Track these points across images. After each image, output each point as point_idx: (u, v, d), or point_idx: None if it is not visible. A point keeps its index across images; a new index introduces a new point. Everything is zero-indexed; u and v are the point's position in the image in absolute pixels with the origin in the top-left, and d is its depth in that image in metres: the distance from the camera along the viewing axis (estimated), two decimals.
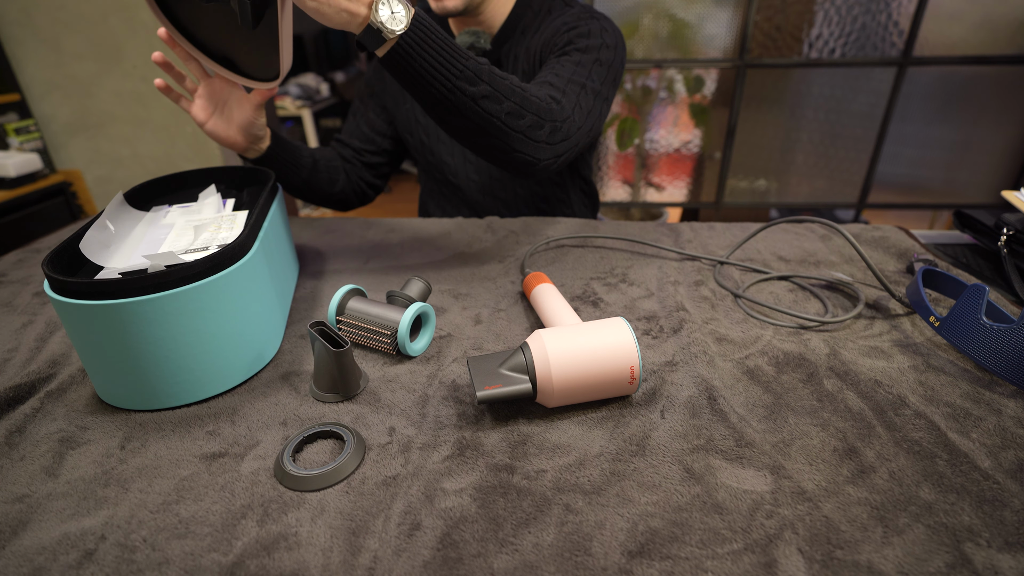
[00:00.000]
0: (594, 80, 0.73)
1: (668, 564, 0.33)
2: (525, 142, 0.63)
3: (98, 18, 1.91)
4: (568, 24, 0.79)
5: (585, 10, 0.82)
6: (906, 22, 1.95)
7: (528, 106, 0.62)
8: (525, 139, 0.63)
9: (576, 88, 0.70)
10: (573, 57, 0.74)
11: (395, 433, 0.44)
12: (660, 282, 0.68)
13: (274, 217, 0.61)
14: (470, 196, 0.97)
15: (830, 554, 0.34)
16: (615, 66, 0.78)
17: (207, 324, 0.46)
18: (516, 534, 0.35)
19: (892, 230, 0.82)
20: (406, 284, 0.58)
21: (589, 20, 0.79)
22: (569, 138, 0.68)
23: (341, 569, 0.33)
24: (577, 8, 0.82)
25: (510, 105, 0.61)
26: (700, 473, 0.40)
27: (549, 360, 0.43)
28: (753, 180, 2.32)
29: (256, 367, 0.51)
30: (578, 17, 0.80)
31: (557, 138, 0.66)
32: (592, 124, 0.73)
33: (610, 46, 0.77)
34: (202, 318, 0.45)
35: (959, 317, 0.52)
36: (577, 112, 0.69)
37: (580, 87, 0.71)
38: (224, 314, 0.46)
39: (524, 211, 0.98)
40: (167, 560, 0.34)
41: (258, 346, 0.51)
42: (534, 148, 0.65)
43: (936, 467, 0.40)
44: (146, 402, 0.47)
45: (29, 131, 2.08)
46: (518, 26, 0.83)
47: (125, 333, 0.43)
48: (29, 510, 0.38)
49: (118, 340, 0.43)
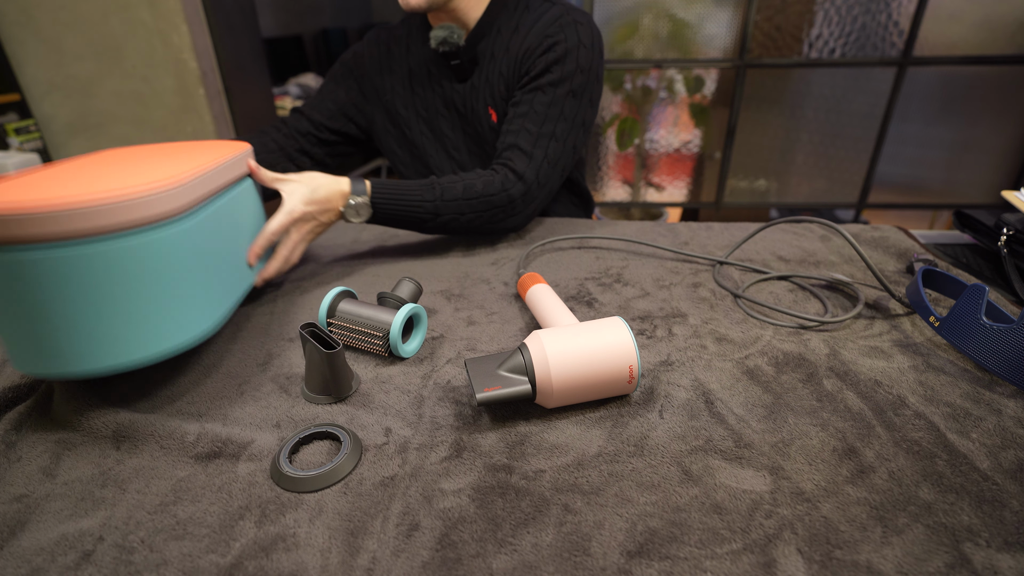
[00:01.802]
0: (565, 119, 0.79)
1: (667, 564, 0.33)
2: (497, 225, 0.77)
3: (98, 18, 1.91)
4: (549, 38, 0.78)
5: (565, 14, 0.79)
6: (906, 22, 1.95)
7: (488, 204, 0.75)
8: (496, 224, 0.77)
9: (545, 142, 0.77)
10: (546, 96, 0.78)
11: (391, 434, 0.44)
12: (655, 282, 0.68)
13: (234, 198, 0.57)
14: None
15: (829, 554, 0.34)
16: (590, 86, 0.80)
17: (117, 289, 0.42)
18: (515, 534, 0.35)
19: (892, 230, 0.82)
20: (397, 285, 0.58)
21: (568, 30, 0.78)
22: (537, 198, 0.79)
23: (340, 570, 0.33)
24: (555, 11, 0.80)
25: (471, 215, 0.74)
26: (699, 473, 0.40)
27: (548, 361, 0.43)
28: (753, 180, 2.32)
29: (172, 342, 0.47)
30: (556, 25, 0.78)
31: (527, 207, 0.78)
32: (564, 164, 0.81)
33: (584, 69, 0.78)
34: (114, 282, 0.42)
35: (959, 317, 0.51)
36: (543, 169, 0.78)
37: (549, 138, 0.78)
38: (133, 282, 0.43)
39: None
40: (165, 561, 0.34)
41: (174, 321, 0.47)
42: (508, 223, 0.78)
43: (935, 467, 0.40)
44: (54, 365, 0.43)
45: (29, 131, 2.08)
46: (494, 24, 0.83)
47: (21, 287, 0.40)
48: (27, 511, 0.38)
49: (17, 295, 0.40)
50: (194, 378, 0.52)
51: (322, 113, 0.93)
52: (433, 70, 0.88)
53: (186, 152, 0.59)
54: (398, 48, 0.90)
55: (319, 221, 0.68)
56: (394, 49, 0.91)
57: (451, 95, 0.88)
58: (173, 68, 1.97)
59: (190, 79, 1.98)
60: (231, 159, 0.58)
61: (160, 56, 1.95)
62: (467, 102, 0.87)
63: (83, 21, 1.92)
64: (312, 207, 0.66)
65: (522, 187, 0.76)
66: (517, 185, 0.75)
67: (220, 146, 0.64)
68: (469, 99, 0.87)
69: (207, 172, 0.51)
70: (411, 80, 0.90)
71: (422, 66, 0.89)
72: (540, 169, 0.77)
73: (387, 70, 0.91)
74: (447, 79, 0.87)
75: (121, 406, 0.48)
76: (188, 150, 0.61)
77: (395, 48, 0.91)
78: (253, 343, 0.57)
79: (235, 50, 2.10)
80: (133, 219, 0.42)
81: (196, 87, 1.99)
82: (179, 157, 0.56)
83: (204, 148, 0.63)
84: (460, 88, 0.87)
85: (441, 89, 0.89)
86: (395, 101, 0.92)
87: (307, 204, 0.66)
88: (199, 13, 1.94)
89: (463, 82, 0.87)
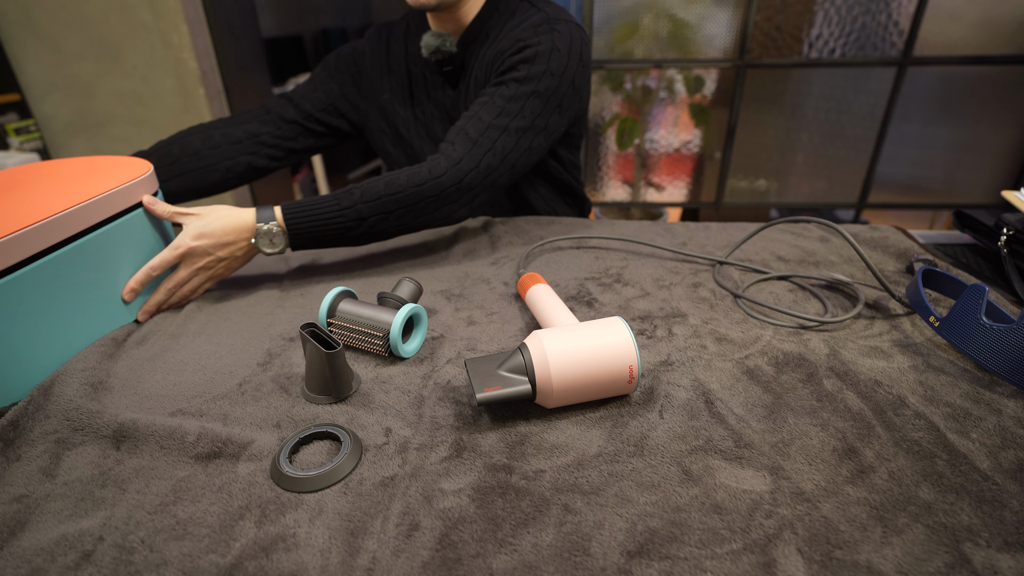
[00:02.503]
0: (523, 117, 0.74)
1: (667, 564, 0.33)
2: (433, 217, 0.72)
3: (98, 18, 1.91)
4: (521, 41, 0.76)
5: (545, 20, 0.77)
6: (906, 22, 1.95)
7: (418, 196, 0.69)
8: (432, 217, 0.72)
9: (495, 133, 0.73)
10: (508, 89, 0.74)
11: (392, 434, 0.44)
12: (655, 282, 0.68)
13: (101, 237, 0.56)
14: None
15: (829, 554, 0.34)
16: (560, 91, 0.76)
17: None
18: (515, 534, 0.35)
19: (891, 230, 0.82)
20: (397, 285, 0.58)
21: (543, 35, 0.76)
22: (475, 187, 0.73)
23: (340, 570, 0.33)
24: (537, 17, 0.78)
25: (400, 211, 0.69)
26: (699, 473, 0.40)
27: (548, 361, 0.43)
28: (753, 180, 2.32)
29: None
30: (534, 30, 0.77)
31: (463, 196, 0.72)
32: (514, 160, 0.75)
33: (555, 73, 0.75)
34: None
35: (959, 317, 0.51)
36: (486, 159, 0.72)
37: (501, 130, 0.73)
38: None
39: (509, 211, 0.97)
40: (165, 561, 0.34)
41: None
42: (446, 214, 0.73)
43: (936, 467, 0.40)
44: None
45: (29, 131, 2.08)
46: (483, 29, 0.82)
47: None
48: (27, 511, 0.38)
49: None
50: (194, 378, 0.52)
51: (312, 104, 0.89)
52: (428, 73, 0.88)
53: (53, 187, 0.57)
54: (397, 46, 0.90)
55: (215, 256, 0.64)
56: (394, 47, 0.90)
57: (443, 100, 0.88)
58: (173, 68, 1.97)
59: (190, 79, 1.98)
60: (91, 200, 0.55)
61: (160, 56, 1.95)
62: (457, 107, 0.87)
63: (83, 21, 1.92)
64: (202, 241, 0.63)
65: (455, 174, 0.70)
66: (450, 172, 0.70)
67: (102, 176, 0.61)
68: (459, 105, 0.86)
69: (35, 226, 0.50)
70: (409, 81, 0.90)
71: (419, 68, 0.89)
72: (483, 159, 0.72)
73: (386, 69, 0.90)
74: (440, 84, 0.87)
75: (121, 406, 0.48)
76: (63, 184, 0.58)
77: (395, 46, 0.90)
78: (253, 343, 0.57)
79: (235, 50, 2.10)
80: None
81: (196, 87, 1.99)
82: (41, 193, 0.55)
83: (85, 179, 0.60)
84: (451, 94, 0.87)
85: (437, 93, 0.88)
86: (393, 100, 0.91)
87: (196, 238, 0.62)
88: (199, 13, 1.94)
89: (455, 88, 0.87)
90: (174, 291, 0.64)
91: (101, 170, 0.63)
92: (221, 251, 0.65)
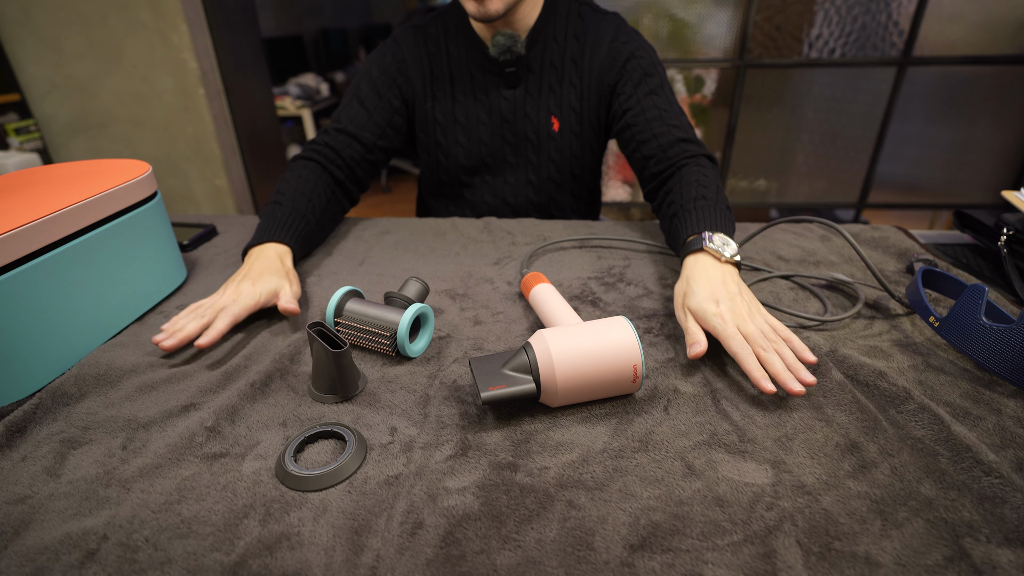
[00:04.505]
0: (675, 104, 0.84)
1: (669, 556, 0.33)
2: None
3: (98, 18, 1.91)
4: (624, 45, 0.84)
5: (618, 21, 0.86)
6: (906, 22, 1.96)
7: (719, 181, 0.75)
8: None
9: (686, 122, 0.83)
10: (665, 94, 0.84)
11: (397, 433, 0.44)
12: (659, 281, 0.68)
13: (91, 240, 0.55)
14: (479, 198, 0.96)
15: (828, 545, 0.34)
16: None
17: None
18: (519, 531, 0.36)
19: (891, 230, 0.82)
20: (404, 285, 0.58)
21: (631, 37, 0.85)
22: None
23: (344, 568, 0.33)
24: (610, 17, 0.86)
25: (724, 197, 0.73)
26: (702, 467, 0.40)
27: (553, 360, 0.43)
28: (753, 180, 2.32)
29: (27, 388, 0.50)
30: (622, 33, 0.85)
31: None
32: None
33: (656, 63, 0.86)
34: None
35: (959, 317, 0.52)
36: (692, 130, 0.83)
37: (681, 113, 0.84)
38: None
39: (532, 216, 0.97)
40: (169, 560, 0.34)
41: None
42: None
43: (938, 464, 0.40)
44: None
45: (29, 131, 2.08)
46: (546, 31, 0.83)
47: None
48: (31, 510, 0.38)
49: None
50: (200, 377, 0.52)
51: (373, 132, 0.85)
52: (477, 75, 0.86)
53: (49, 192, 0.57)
54: (438, 51, 0.87)
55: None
56: (434, 51, 0.87)
57: (497, 102, 0.87)
58: (173, 68, 1.97)
59: (190, 79, 1.98)
60: (91, 199, 0.55)
61: (160, 56, 1.95)
62: (517, 108, 0.87)
63: (83, 21, 1.92)
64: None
65: (699, 145, 0.80)
66: (696, 144, 0.80)
67: (102, 177, 0.61)
68: (521, 105, 0.86)
69: (35, 223, 0.50)
70: (452, 86, 0.87)
71: (464, 72, 0.86)
72: (692, 129, 0.83)
73: (428, 74, 0.88)
74: (493, 85, 0.86)
75: (126, 405, 0.48)
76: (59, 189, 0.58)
77: (433, 50, 0.87)
78: (260, 341, 0.57)
79: (235, 50, 2.10)
80: None
81: (196, 87, 1.99)
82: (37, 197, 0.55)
83: (80, 183, 0.60)
84: (508, 94, 0.86)
85: (485, 96, 0.87)
86: (434, 107, 0.89)
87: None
88: (199, 13, 1.94)
89: (512, 88, 0.86)
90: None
91: (102, 171, 0.64)
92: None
